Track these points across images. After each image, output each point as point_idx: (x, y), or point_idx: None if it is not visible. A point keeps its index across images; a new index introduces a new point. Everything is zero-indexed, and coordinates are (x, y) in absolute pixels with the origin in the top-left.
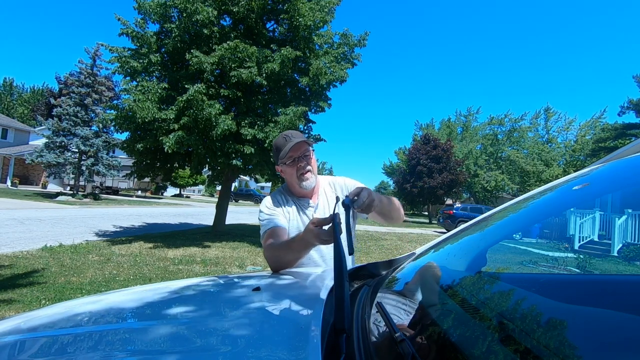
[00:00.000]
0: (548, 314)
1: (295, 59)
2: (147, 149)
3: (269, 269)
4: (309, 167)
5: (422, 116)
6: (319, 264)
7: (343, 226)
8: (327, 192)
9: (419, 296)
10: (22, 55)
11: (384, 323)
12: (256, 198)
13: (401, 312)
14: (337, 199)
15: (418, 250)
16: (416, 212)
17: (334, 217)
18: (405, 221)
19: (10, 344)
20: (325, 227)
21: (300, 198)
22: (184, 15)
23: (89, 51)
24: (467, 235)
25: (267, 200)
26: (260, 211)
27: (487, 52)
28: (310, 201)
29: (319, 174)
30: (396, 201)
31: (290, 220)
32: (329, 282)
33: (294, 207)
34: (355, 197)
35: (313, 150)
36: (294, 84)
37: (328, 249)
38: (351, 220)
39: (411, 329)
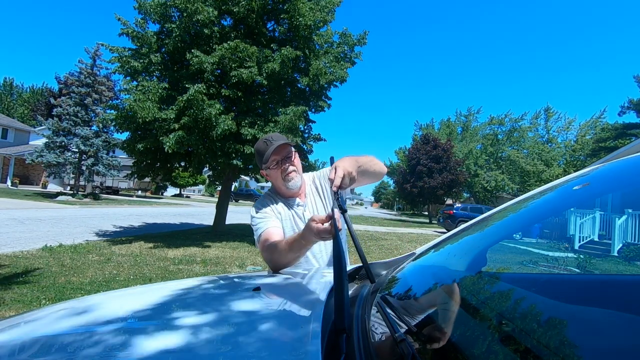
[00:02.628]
0: (548, 314)
1: (296, 58)
2: (147, 149)
3: (268, 268)
4: (292, 168)
5: (422, 116)
6: (311, 263)
7: (342, 224)
8: (313, 190)
9: (419, 296)
10: (22, 55)
11: (384, 323)
12: (256, 198)
13: (401, 312)
14: (335, 194)
15: (418, 250)
16: (416, 212)
17: (332, 214)
18: (405, 221)
19: (10, 344)
20: (325, 224)
21: (288, 198)
22: (185, 15)
23: (89, 51)
24: (467, 235)
25: (258, 204)
26: (252, 216)
27: (488, 52)
28: (299, 200)
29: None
30: (368, 156)
31: (283, 220)
32: (329, 281)
33: (284, 207)
34: (337, 182)
35: (295, 150)
36: (294, 83)
37: (320, 248)
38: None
39: (411, 329)
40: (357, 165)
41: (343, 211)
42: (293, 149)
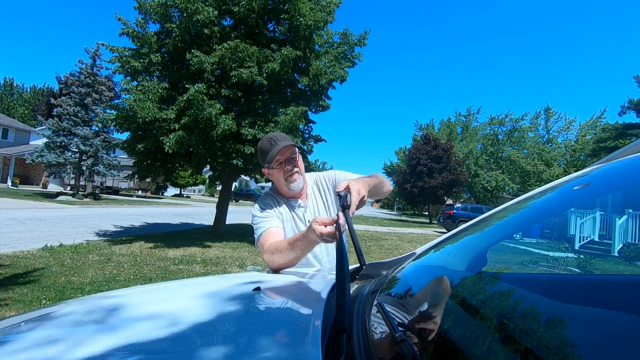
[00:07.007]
0: (548, 314)
1: (296, 58)
2: (147, 149)
3: (268, 268)
4: (296, 169)
5: (422, 116)
6: (312, 263)
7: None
8: (315, 192)
9: (420, 296)
10: (22, 55)
11: (384, 323)
12: (256, 198)
13: (401, 312)
14: (340, 197)
15: (418, 250)
16: (416, 212)
17: (337, 217)
18: (405, 221)
19: (9, 343)
20: (330, 227)
21: (290, 199)
22: (185, 15)
23: (89, 51)
24: (468, 235)
25: (260, 204)
26: (254, 215)
27: (487, 52)
28: (300, 201)
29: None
30: (379, 176)
31: (284, 221)
32: (330, 281)
33: (286, 208)
34: (348, 196)
35: (299, 151)
36: (294, 84)
37: (321, 249)
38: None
39: (411, 329)
40: (369, 187)
41: (345, 209)
42: (297, 150)
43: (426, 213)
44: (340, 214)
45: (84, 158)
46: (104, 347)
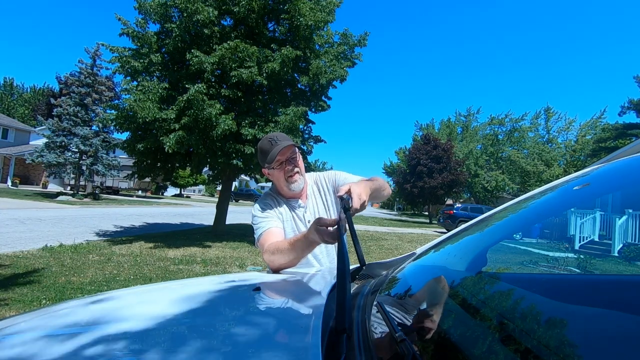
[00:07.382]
0: (548, 314)
1: (296, 58)
2: (147, 149)
3: (268, 269)
4: (296, 169)
5: (422, 116)
6: (312, 264)
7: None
8: (315, 192)
9: (420, 296)
10: (22, 55)
11: (384, 323)
12: (256, 198)
13: (401, 312)
14: (342, 199)
15: (418, 250)
16: (416, 212)
17: (339, 219)
18: (405, 221)
19: (9, 343)
20: (330, 228)
21: (290, 199)
22: (185, 15)
23: (89, 51)
24: (468, 235)
25: (260, 204)
26: (254, 215)
27: (487, 52)
28: (300, 201)
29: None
30: (379, 179)
31: (284, 221)
32: (330, 281)
33: (286, 208)
34: (349, 199)
35: (299, 151)
36: (294, 84)
37: (321, 250)
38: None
39: (411, 329)
40: (370, 191)
41: (346, 210)
42: (297, 150)
43: (426, 213)
44: (342, 215)
45: (83, 158)
46: (103, 347)
